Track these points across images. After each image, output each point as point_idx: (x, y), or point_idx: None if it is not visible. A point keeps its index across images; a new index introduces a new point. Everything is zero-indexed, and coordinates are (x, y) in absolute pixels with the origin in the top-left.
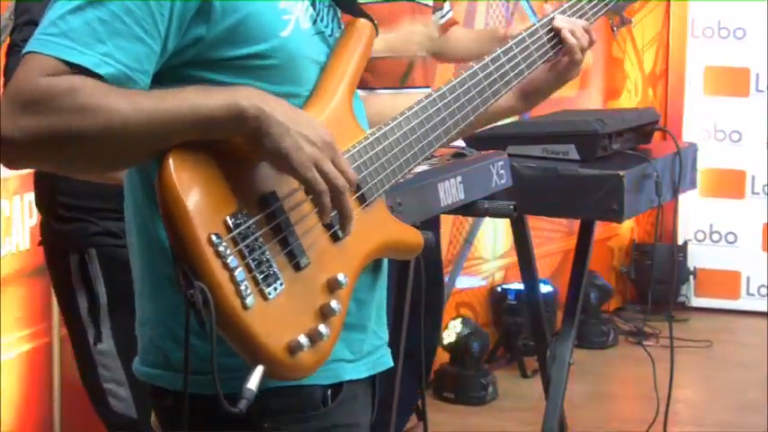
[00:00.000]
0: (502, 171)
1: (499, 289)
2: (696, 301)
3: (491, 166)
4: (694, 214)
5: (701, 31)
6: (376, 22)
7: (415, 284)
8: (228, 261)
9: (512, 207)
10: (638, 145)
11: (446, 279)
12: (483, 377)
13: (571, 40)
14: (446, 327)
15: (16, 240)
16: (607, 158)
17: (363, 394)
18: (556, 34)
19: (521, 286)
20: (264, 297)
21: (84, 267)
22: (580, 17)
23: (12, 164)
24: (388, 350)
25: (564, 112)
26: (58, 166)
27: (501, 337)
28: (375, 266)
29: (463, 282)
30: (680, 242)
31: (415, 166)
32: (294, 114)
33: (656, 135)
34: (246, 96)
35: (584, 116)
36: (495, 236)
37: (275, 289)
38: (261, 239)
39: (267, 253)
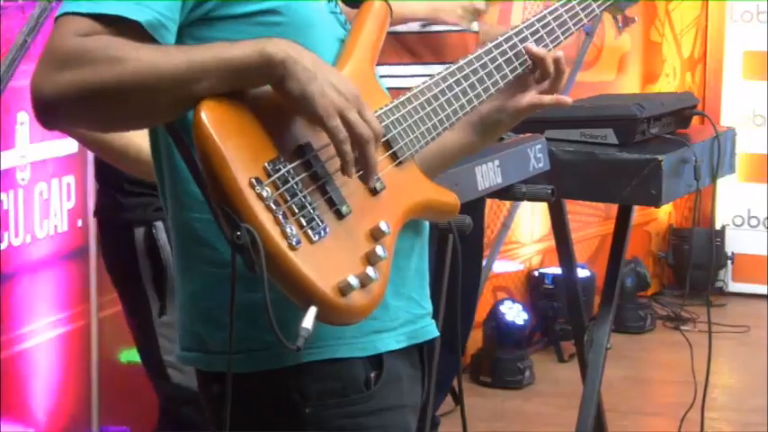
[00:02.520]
0: (539, 155)
1: (536, 273)
2: (733, 287)
3: (528, 150)
4: (732, 199)
5: (740, 16)
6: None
7: (452, 265)
8: (271, 204)
9: (549, 191)
10: (676, 129)
11: (483, 263)
12: (520, 361)
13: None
14: (488, 310)
15: (54, 223)
16: (645, 143)
17: (408, 374)
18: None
19: (558, 270)
20: (310, 240)
21: (152, 240)
22: (572, 17)
23: (50, 123)
24: (433, 321)
25: (602, 97)
26: (94, 123)
27: (538, 321)
28: (414, 233)
29: (500, 266)
30: (718, 227)
31: (446, 128)
32: (323, 64)
33: (695, 120)
34: (275, 43)
35: (623, 100)
36: (532, 220)
37: (320, 233)
38: (300, 185)
39: (308, 198)
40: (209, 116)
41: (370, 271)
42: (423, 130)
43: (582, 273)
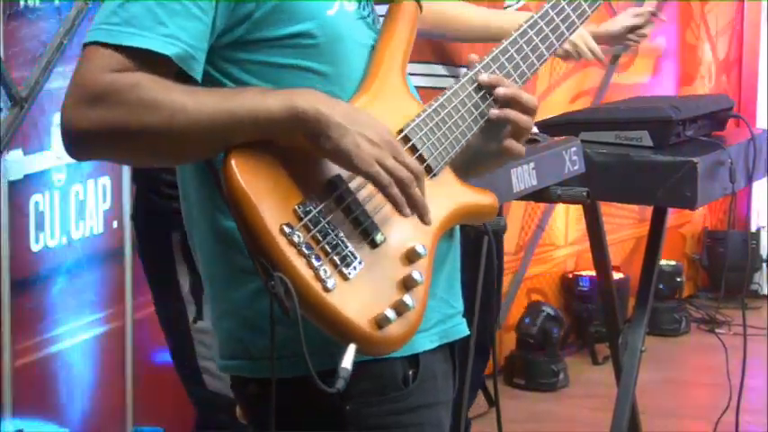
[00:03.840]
0: (575, 157)
1: (571, 275)
2: None
3: (564, 152)
4: None
5: None
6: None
7: (487, 266)
8: (303, 248)
9: (585, 193)
10: (711, 132)
11: (517, 265)
12: (554, 364)
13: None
14: (522, 312)
15: (90, 224)
16: (680, 145)
17: (442, 371)
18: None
19: (592, 273)
20: (345, 277)
21: (188, 245)
22: (563, 21)
23: (78, 154)
24: (464, 320)
25: (637, 99)
26: (122, 158)
27: (572, 323)
28: (448, 238)
29: (535, 268)
30: (753, 229)
31: (474, 132)
32: (353, 114)
33: (730, 122)
34: (305, 98)
35: (658, 102)
36: (567, 222)
37: (354, 268)
38: (332, 223)
39: (341, 235)
40: (239, 164)
41: (407, 299)
42: (451, 139)
43: (616, 275)
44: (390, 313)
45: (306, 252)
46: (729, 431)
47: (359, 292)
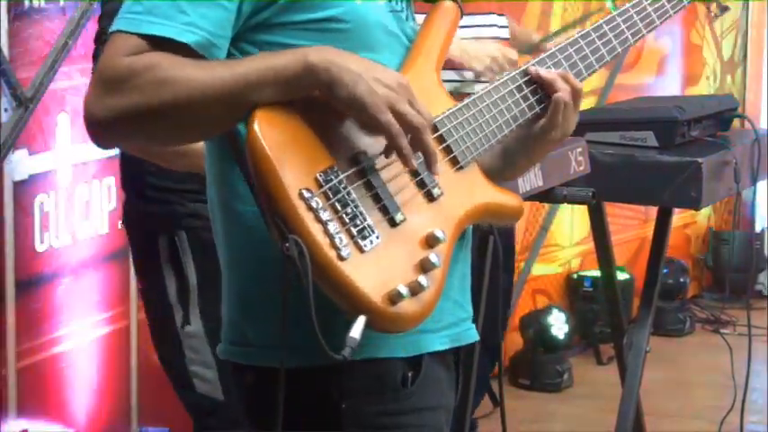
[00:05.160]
0: (580, 158)
1: (575, 276)
2: None
3: (570, 153)
4: None
5: None
6: (461, 3)
7: (493, 266)
8: (321, 214)
9: (590, 194)
10: (716, 132)
11: (522, 265)
12: (559, 364)
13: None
14: (527, 313)
15: (95, 225)
16: (685, 145)
17: (446, 374)
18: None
19: (597, 273)
20: (360, 249)
21: (174, 250)
22: (629, 28)
23: (102, 143)
24: (473, 325)
25: (642, 99)
26: (146, 141)
27: (577, 324)
28: (461, 237)
29: (539, 268)
30: (758, 230)
31: (504, 135)
32: (365, 61)
33: (735, 122)
34: (316, 51)
35: (663, 103)
36: (571, 222)
37: (371, 242)
38: (353, 194)
39: (360, 207)
40: (262, 127)
41: (422, 279)
42: (481, 136)
43: (621, 275)
44: (404, 290)
45: (323, 218)
46: (733, 431)
47: (373, 266)
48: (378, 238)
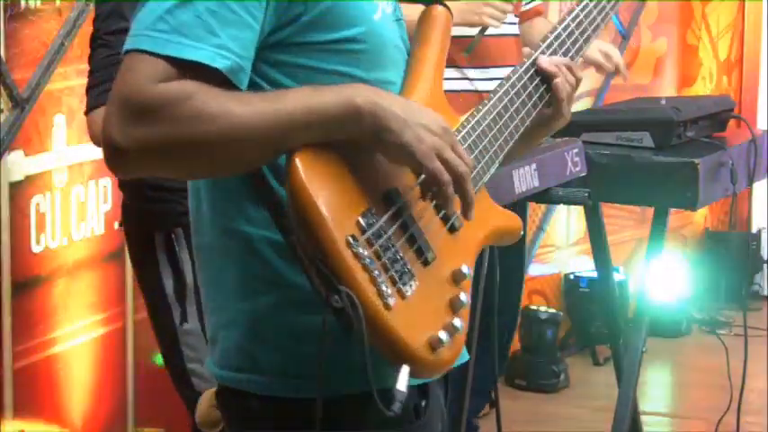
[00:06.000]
0: (576, 158)
1: (572, 276)
2: None
3: (566, 154)
4: None
5: None
6: (447, 5)
7: (490, 273)
8: (366, 262)
9: (586, 194)
10: (712, 133)
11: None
12: (555, 365)
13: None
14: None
15: (91, 225)
16: (682, 146)
17: (437, 397)
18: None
19: (593, 274)
20: (403, 296)
21: (171, 247)
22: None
23: (123, 172)
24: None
25: (638, 100)
26: (172, 174)
27: (573, 324)
28: None
29: (536, 269)
30: (754, 231)
31: (508, 149)
32: (409, 105)
33: (731, 123)
34: (360, 92)
35: (659, 103)
36: (568, 223)
37: (410, 287)
38: (392, 238)
39: (400, 252)
40: (306, 171)
41: (456, 322)
42: (491, 152)
43: (617, 276)
44: (444, 336)
45: (369, 267)
46: None
47: (415, 312)
48: (416, 282)
